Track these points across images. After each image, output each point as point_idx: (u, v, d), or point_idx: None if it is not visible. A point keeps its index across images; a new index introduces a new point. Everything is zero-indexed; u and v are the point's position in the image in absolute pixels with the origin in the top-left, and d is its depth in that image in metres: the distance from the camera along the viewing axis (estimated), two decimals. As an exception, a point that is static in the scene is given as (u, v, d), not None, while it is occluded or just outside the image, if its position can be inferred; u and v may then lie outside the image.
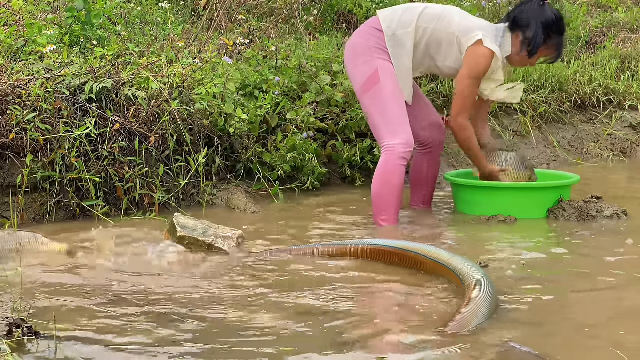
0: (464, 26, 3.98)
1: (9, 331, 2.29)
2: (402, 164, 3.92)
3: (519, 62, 4.11)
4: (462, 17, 4.04)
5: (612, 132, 6.31)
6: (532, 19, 3.98)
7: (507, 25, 4.05)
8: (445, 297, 2.82)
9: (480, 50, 3.92)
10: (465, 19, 4.04)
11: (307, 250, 3.38)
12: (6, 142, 3.87)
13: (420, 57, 4.05)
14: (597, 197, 4.20)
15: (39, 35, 4.61)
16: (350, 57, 4.09)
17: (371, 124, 4.04)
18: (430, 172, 4.32)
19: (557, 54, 4.11)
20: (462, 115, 4.02)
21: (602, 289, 2.99)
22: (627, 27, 7.76)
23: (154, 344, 2.33)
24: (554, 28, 4.01)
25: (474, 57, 3.93)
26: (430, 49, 4.02)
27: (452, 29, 3.97)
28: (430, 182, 4.36)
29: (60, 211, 3.95)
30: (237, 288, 2.91)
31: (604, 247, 3.54)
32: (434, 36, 3.99)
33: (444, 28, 3.98)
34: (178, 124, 4.25)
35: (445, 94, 5.87)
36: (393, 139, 3.92)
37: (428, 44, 4.01)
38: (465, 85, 3.97)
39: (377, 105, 3.96)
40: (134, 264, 3.21)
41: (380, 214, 3.94)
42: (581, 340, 2.45)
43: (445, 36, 3.98)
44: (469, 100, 4.01)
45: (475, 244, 3.64)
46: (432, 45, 4.01)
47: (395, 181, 3.91)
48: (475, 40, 3.92)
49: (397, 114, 3.95)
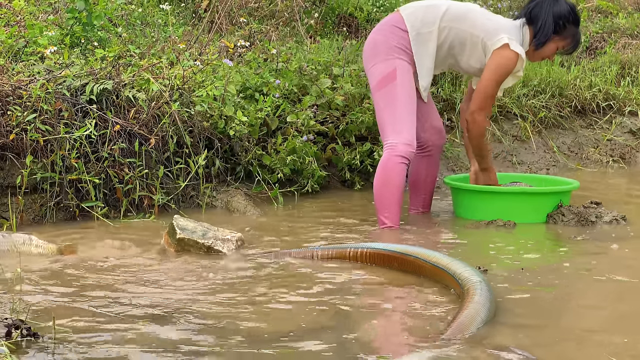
0: (489, 28, 4.00)
1: (8, 332, 2.29)
2: (402, 162, 3.92)
3: (537, 56, 4.14)
4: (485, 17, 4.06)
5: (612, 138, 6.31)
6: (544, 11, 4.00)
7: (523, 20, 4.07)
8: (444, 301, 2.82)
9: (507, 54, 3.95)
10: (488, 19, 4.06)
11: (306, 253, 3.38)
12: (6, 143, 3.87)
13: (443, 56, 4.07)
14: (596, 202, 4.21)
15: (40, 36, 4.61)
16: (370, 54, 4.08)
17: (379, 121, 4.05)
18: (429, 176, 4.32)
19: (574, 45, 4.13)
20: (481, 112, 4.03)
21: (601, 295, 2.99)
22: (628, 32, 7.77)
23: (154, 346, 2.33)
24: (570, 18, 4.05)
25: (501, 60, 3.96)
26: (454, 49, 4.05)
27: (477, 31, 3.99)
28: (429, 186, 4.36)
29: (59, 212, 3.95)
30: (237, 290, 2.91)
31: (603, 253, 3.54)
32: (458, 36, 4.01)
33: (468, 28, 4.00)
34: (178, 126, 4.25)
35: (445, 98, 5.88)
36: (397, 137, 3.93)
37: (452, 44, 4.03)
38: (489, 86, 4.00)
39: (388, 102, 3.98)
40: (132, 266, 3.21)
41: (382, 212, 3.96)
42: (579, 345, 2.45)
43: (469, 37, 4.01)
44: (490, 99, 4.04)
45: (475, 249, 3.64)
46: (455, 45, 4.03)
47: (395, 179, 3.91)
48: (502, 44, 3.94)
49: (406, 115, 3.97)
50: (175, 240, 3.41)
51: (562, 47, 4.11)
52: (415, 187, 4.36)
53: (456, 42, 4.03)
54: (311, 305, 2.76)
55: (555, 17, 4.02)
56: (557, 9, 4.03)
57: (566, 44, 4.11)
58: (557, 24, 4.03)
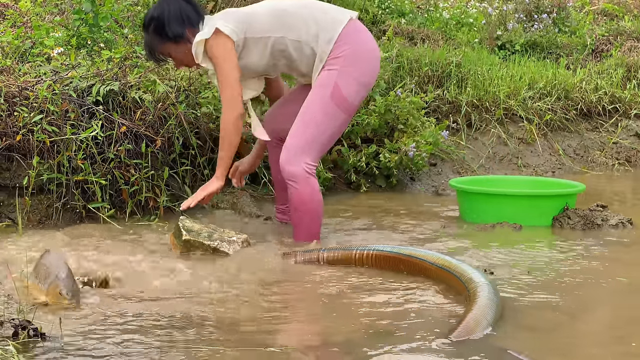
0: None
1: (15, 333, 2.30)
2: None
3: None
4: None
5: (618, 141, 6.31)
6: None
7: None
8: (450, 303, 2.82)
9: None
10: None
11: (312, 256, 3.38)
12: (13, 144, 3.87)
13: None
14: (602, 205, 4.20)
15: (47, 37, 4.62)
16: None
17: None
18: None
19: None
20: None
21: (607, 298, 2.99)
22: (634, 35, 7.77)
23: (161, 347, 2.34)
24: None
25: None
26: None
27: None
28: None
29: (66, 213, 3.95)
30: (241, 293, 2.92)
31: (609, 256, 3.54)
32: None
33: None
34: (184, 127, 4.25)
35: (451, 101, 5.88)
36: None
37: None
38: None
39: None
40: (139, 266, 3.21)
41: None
42: (583, 349, 2.45)
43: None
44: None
45: (481, 252, 3.64)
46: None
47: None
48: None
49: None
50: (181, 242, 3.42)
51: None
52: (281, 181, 3.89)
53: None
54: (315, 306, 2.76)
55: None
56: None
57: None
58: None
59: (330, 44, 3.61)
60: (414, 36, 7.17)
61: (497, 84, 6.08)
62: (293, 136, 3.60)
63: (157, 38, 3.68)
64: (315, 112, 3.60)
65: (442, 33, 7.45)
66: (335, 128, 3.65)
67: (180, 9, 3.66)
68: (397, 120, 5.09)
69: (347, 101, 3.62)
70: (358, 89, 3.64)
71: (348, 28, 3.64)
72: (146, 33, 3.75)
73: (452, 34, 7.54)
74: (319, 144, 3.61)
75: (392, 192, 5.05)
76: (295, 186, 3.57)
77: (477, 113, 5.95)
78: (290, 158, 3.57)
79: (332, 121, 3.62)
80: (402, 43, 6.59)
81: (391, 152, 4.96)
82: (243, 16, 3.65)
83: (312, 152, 3.59)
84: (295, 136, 3.60)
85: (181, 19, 3.65)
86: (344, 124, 3.70)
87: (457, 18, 8.13)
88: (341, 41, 3.61)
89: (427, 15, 8.13)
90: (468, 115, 5.91)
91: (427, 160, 5.19)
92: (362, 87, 3.67)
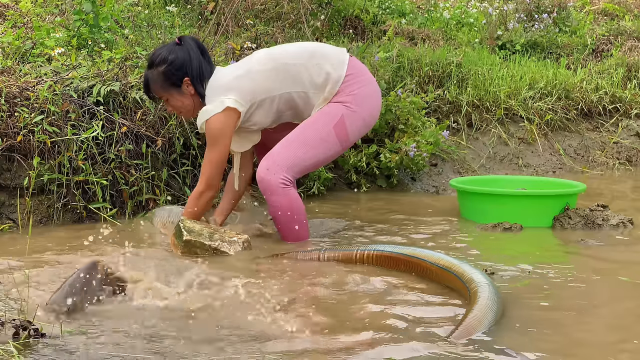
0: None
1: (16, 333, 2.30)
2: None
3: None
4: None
5: (618, 141, 6.31)
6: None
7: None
8: (450, 303, 2.82)
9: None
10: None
11: (312, 255, 3.38)
12: (14, 144, 3.87)
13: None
14: (603, 205, 4.20)
15: (47, 37, 4.62)
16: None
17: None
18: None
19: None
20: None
21: (607, 299, 2.98)
22: (634, 35, 7.77)
23: (163, 347, 2.34)
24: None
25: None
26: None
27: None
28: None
29: (66, 213, 3.96)
30: (242, 293, 2.91)
31: (610, 256, 3.53)
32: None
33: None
34: (185, 128, 4.25)
35: (451, 101, 5.88)
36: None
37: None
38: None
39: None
40: (141, 266, 3.21)
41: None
42: (584, 349, 2.45)
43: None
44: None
45: (481, 252, 3.63)
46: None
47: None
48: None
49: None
50: (182, 242, 3.42)
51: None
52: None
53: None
54: (316, 307, 2.76)
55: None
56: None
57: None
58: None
59: (337, 85, 3.64)
60: (414, 36, 7.17)
61: (498, 83, 6.08)
62: (283, 147, 3.60)
63: (163, 81, 3.57)
64: (314, 135, 3.62)
65: (442, 33, 7.45)
66: (326, 156, 3.67)
67: (200, 66, 3.58)
68: (397, 120, 5.09)
69: (348, 136, 3.66)
70: (361, 129, 3.71)
71: (350, 68, 3.68)
72: (151, 69, 3.59)
73: (452, 34, 7.54)
74: (303, 166, 3.62)
75: (392, 192, 5.05)
76: (270, 197, 3.56)
77: (477, 113, 5.95)
78: (270, 165, 3.56)
79: (326, 150, 3.64)
80: (403, 43, 6.59)
81: (392, 152, 4.96)
82: (247, 83, 3.58)
83: (294, 169, 3.59)
84: (285, 148, 3.60)
85: (198, 76, 3.57)
86: (335, 155, 3.73)
87: (457, 18, 8.14)
88: (348, 82, 3.65)
89: (428, 15, 8.13)
90: (468, 115, 5.91)
91: (427, 160, 5.20)
92: (365, 127, 3.74)
